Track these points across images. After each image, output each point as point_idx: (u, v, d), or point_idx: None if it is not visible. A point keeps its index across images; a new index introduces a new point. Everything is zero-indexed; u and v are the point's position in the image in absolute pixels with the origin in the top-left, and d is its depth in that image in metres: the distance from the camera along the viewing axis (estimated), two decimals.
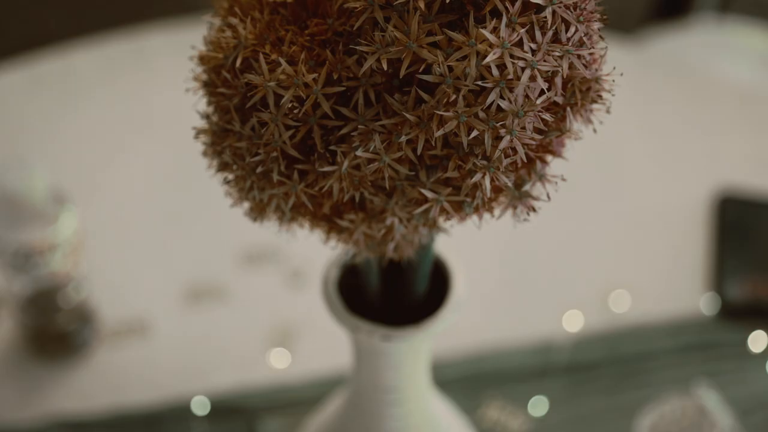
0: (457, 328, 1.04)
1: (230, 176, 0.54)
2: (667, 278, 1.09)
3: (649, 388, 0.99)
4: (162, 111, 1.22)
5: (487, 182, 0.50)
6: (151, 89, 1.25)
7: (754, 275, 1.07)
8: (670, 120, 1.24)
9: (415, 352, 0.65)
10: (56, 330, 0.99)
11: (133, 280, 1.08)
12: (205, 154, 0.55)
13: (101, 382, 1.00)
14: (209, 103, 0.54)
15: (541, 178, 0.54)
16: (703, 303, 1.06)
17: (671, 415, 0.87)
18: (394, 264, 0.64)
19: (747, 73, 1.25)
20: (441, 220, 0.55)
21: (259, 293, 1.07)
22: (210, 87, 0.54)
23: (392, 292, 0.65)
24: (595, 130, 0.54)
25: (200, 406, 0.97)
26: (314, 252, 0.85)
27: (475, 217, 0.55)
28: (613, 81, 0.52)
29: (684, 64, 1.29)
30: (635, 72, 1.26)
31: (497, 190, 0.53)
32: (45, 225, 0.92)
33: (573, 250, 1.12)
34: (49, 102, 1.24)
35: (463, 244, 1.12)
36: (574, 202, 1.16)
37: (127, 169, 1.17)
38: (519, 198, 0.53)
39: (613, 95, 0.52)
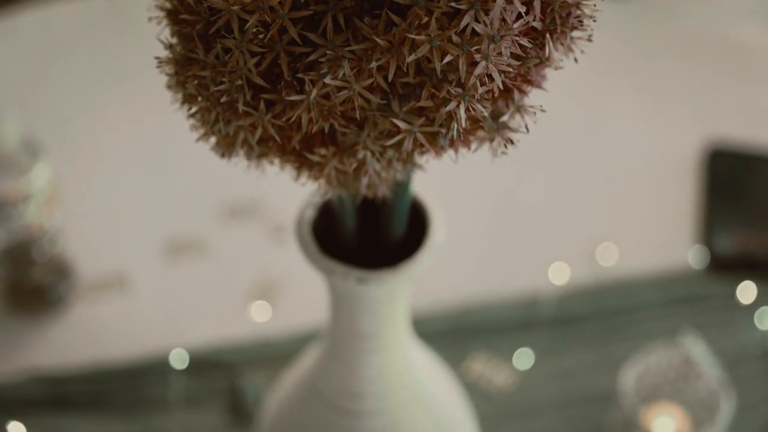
0: (441, 283, 1.02)
1: (195, 108, 0.52)
2: (656, 232, 1.07)
3: (636, 340, 0.97)
4: (141, 64, 1.19)
5: (462, 111, 0.48)
6: (129, 41, 1.22)
7: (744, 228, 1.06)
8: (659, 71, 1.21)
9: (393, 296, 0.63)
10: (32, 284, 0.97)
11: (112, 234, 1.06)
12: (168, 86, 0.52)
13: (79, 337, 0.98)
14: (172, 33, 0.52)
15: (519, 109, 0.51)
16: (692, 257, 1.05)
17: (657, 366, 0.86)
18: (369, 204, 0.62)
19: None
20: (415, 155, 0.53)
21: (241, 248, 1.05)
22: (173, 15, 0.51)
23: (369, 235, 0.63)
24: (576, 60, 0.52)
25: (180, 361, 0.95)
26: (297, 206, 0.83)
27: (453, 154, 0.53)
28: (595, 6, 0.50)
29: (674, 11, 1.26)
30: (623, 21, 1.24)
31: (473, 120, 0.50)
32: (18, 175, 0.90)
33: (560, 203, 1.10)
34: (27, 54, 1.22)
35: (447, 198, 1.10)
36: (561, 154, 1.14)
37: (107, 123, 1.15)
38: (496, 129, 0.51)
39: (594, 21, 0.50)
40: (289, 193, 0.78)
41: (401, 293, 0.64)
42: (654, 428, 0.84)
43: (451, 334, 0.98)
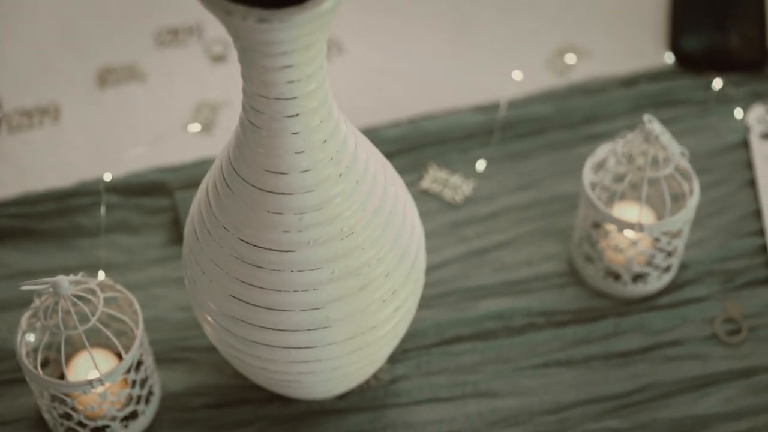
0: (395, 101, 0.96)
1: None
2: (623, 38, 1.01)
3: (602, 140, 0.92)
4: None
5: None
6: None
7: (713, 27, 0.99)
8: None
9: (306, 46, 0.56)
10: None
11: (42, 62, 0.99)
12: None
13: (9, 168, 0.92)
14: None
15: None
16: (662, 59, 0.98)
17: (621, 153, 0.79)
18: None
19: None
20: None
21: (178, 73, 0.99)
22: None
23: None
24: None
25: (114, 185, 0.89)
26: None
27: None
28: None
29: None
30: None
31: None
32: None
33: (521, 10, 1.03)
34: None
35: (405, 7, 1.03)
36: None
37: None
38: None
39: None
40: None
41: (315, 43, 0.57)
42: (617, 219, 0.78)
43: (408, 146, 0.92)
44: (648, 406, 0.78)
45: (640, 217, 0.78)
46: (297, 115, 0.60)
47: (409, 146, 0.92)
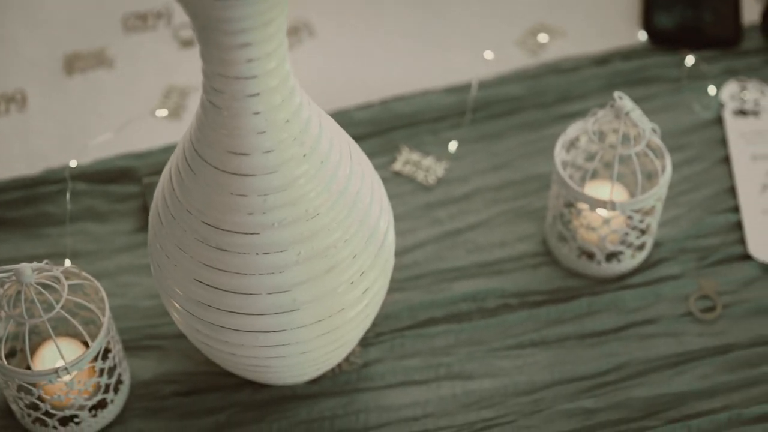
0: (366, 83, 0.95)
1: None
2: (595, 16, 1.00)
3: (575, 119, 0.91)
4: None
5: None
6: None
7: (686, 3, 0.98)
8: None
9: (264, 24, 0.56)
10: None
11: (9, 48, 0.98)
12: None
13: None
14: None
15: None
16: (635, 39, 0.97)
17: (590, 129, 0.78)
18: None
19: None
20: None
21: (147, 58, 0.98)
22: None
23: None
24: None
25: (82, 172, 0.88)
26: None
27: None
28: None
29: None
30: None
31: None
32: None
33: None
34: None
35: None
36: None
37: None
38: None
39: None
40: None
41: (274, 20, 0.56)
42: (589, 197, 0.78)
43: (380, 128, 0.91)
44: (623, 384, 0.77)
45: (612, 194, 0.78)
46: (258, 94, 0.59)
47: (380, 128, 0.92)
